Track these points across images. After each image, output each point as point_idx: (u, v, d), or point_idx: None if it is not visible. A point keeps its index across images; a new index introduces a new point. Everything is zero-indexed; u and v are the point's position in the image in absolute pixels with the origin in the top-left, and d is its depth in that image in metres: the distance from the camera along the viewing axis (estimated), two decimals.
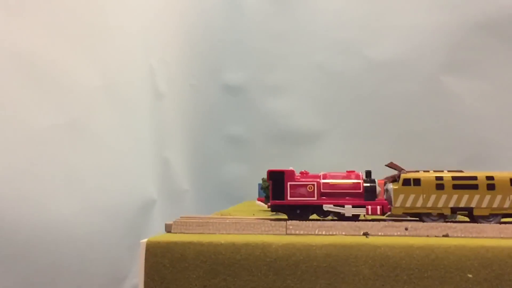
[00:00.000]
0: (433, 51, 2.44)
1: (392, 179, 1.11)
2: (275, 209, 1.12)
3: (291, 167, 1.12)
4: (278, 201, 1.10)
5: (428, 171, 1.09)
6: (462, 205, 1.05)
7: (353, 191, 1.09)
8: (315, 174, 1.12)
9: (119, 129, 1.95)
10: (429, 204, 1.06)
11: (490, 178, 1.05)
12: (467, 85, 2.40)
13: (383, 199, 1.09)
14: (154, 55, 2.29)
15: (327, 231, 1.02)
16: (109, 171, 1.87)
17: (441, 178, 1.06)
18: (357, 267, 0.89)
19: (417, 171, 1.09)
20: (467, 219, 1.11)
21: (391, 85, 2.50)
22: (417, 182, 1.06)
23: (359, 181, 1.09)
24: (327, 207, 1.08)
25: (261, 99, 2.66)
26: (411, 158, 1.18)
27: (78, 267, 1.70)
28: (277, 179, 1.10)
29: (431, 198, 1.06)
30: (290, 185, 1.09)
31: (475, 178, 1.05)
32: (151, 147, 2.24)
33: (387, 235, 1.00)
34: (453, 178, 1.06)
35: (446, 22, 2.44)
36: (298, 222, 1.05)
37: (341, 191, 1.09)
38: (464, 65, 2.41)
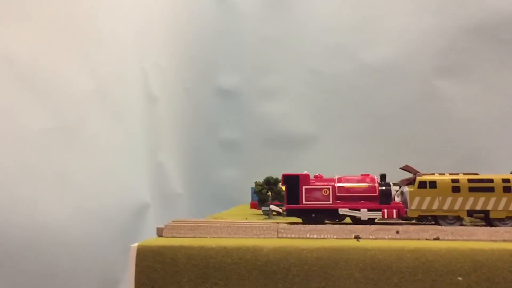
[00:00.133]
0: (426, 55, 2.46)
1: (407, 182, 1.11)
2: (290, 214, 1.11)
3: (305, 171, 1.11)
4: (293, 205, 1.09)
5: (443, 174, 1.08)
6: (478, 207, 1.05)
7: (369, 194, 1.08)
8: (330, 178, 1.11)
9: (112, 133, 1.95)
10: (445, 206, 1.06)
11: (506, 180, 1.05)
12: (459, 89, 2.41)
13: (399, 203, 1.09)
14: (147, 59, 2.29)
15: (318, 234, 1.02)
16: (102, 175, 1.86)
17: (457, 180, 1.06)
18: (348, 270, 0.89)
19: (433, 174, 1.08)
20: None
21: (385, 89, 2.51)
22: (433, 184, 1.06)
23: (374, 184, 1.09)
24: (342, 211, 1.07)
25: (255, 103, 2.66)
26: (404, 161, 1.18)
27: (70, 271, 1.69)
28: (292, 183, 1.09)
29: (447, 200, 1.06)
30: (305, 189, 1.09)
31: (491, 180, 1.05)
32: (145, 151, 2.23)
33: (378, 238, 1.01)
34: (469, 180, 1.06)
35: (439, 26, 2.46)
36: (289, 225, 1.04)
37: (356, 194, 1.08)
38: (456, 69, 2.42)
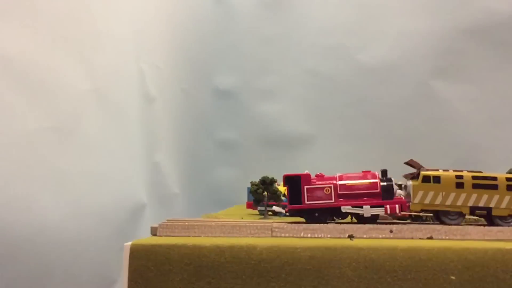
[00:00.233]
0: (423, 56, 2.47)
1: (411, 176, 1.11)
2: (293, 214, 1.11)
3: (306, 171, 1.11)
4: (296, 206, 1.09)
5: (447, 170, 1.08)
6: (481, 204, 1.05)
7: (371, 191, 1.08)
8: (331, 176, 1.11)
9: (109, 133, 1.95)
10: (448, 202, 1.06)
11: (510, 179, 1.05)
12: (456, 90, 2.42)
13: (401, 197, 1.09)
14: (144, 59, 2.29)
15: (312, 233, 1.02)
16: (99, 175, 1.86)
17: (461, 177, 1.06)
18: (341, 269, 0.89)
19: (437, 170, 1.08)
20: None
21: (381, 89, 2.52)
22: (437, 179, 1.06)
23: (375, 180, 1.09)
24: (345, 209, 1.07)
25: (252, 103, 2.66)
26: (401, 161, 1.18)
27: (67, 271, 1.69)
28: (294, 183, 1.09)
29: (450, 196, 1.06)
30: (307, 188, 1.08)
31: (495, 178, 1.05)
32: (142, 151, 2.23)
33: (372, 237, 1.01)
34: (473, 177, 1.06)
35: (435, 27, 2.47)
36: (283, 224, 1.05)
37: (358, 191, 1.08)
38: (453, 70, 2.43)
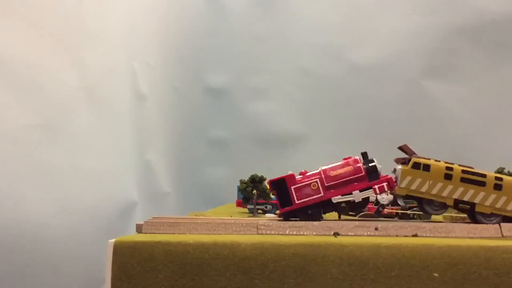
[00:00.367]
0: (414, 55, 2.48)
1: (402, 161, 1.11)
2: (287, 216, 1.09)
3: (290, 171, 1.10)
4: (288, 208, 1.08)
5: (439, 161, 1.08)
6: (466, 198, 1.05)
7: (356, 176, 1.08)
8: (314, 172, 1.10)
9: (99, 130, 1.94)
10: (434, 191, 1.06)
11: (499, 178, 1.05)
12: (447, 89, 2.43)
13: (387, 175, 1.09)
14: (136, 57, 2.29)
15: (298, 231, 1.02)
16: (88, 173, 1.86)
17: (451, 168, 1.06)
18: (325, 266, 0.89)
19: (428, 159, 1.08)
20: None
21: (373, 88, 2.52)
22: (427, 167, 1.06)
23: (358, 164, 1.09)
24: (336, 199, 1.07)
25: (244, 102, 2.66)
26: (392, 160, 1.18)
27: (54, 269, 1.68)
28: (280, 187, 1.08)
29: (437, 186, 1.06)
30: (294, 188, 1.08)
31: (484, 175, 1.05)
32: (133, 149, 2.23)
33: (357, 235, 1.01)
34: (463, 171, 1.06)
35: (427, 27, 2.48)
36: (269, 222, 1.04)
37: (344, 179, 1.08)
38: (444, 69, 2.44)
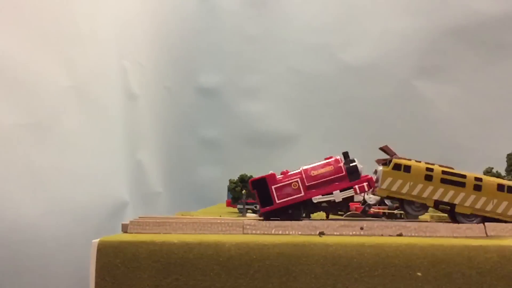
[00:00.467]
0: (405, 55, 2.48)
1: (383, 162, 1.11)
2: (267, 216, 1.09)
3: (271, 171, 1.10)
4: (268, 208, 1.08)
5: (419, 162, 1.08)
6: (446, 199, 1.06)
7: (337, 175, 1.09)
8: (295, 172, 1.10)
9: (90, 130, 1.93)
10: (415, 192, 1.06)
11: (478, 179, 1.06)
12: (438, 90, 2.44)
13: (367, 175, 1.09)
14: (127, 56, 2.27)
15: (283, 230, 1.02)
16: (78, 173, 1.84)
17: (431, 169, 1.06)
18: (309, 266, 0.89)
19: (409, 160, 1.08)
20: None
21: (365, 88, 2.53)
22: (407, 169, 1.06)
23: (339, 164, 1.09)
24: (316, 199, 1.07)
25: (236, 102, 2.66)
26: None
27: (44, 269, 1.67)
28: (261, 186, 1.08)
29: (418, 187, 1.06)
30: (275, 188, 1.08)
31: (464, 176, 1.06)
32: (124, 148, 2.22)
33: (343, 234, 1.01)
34: (443, 172, 1.06)
35: (418, 27, 2.48)
36: (255, 221, 1.04)
37: (325, 179, 1.08)
38: (435, 70, 2.45)
